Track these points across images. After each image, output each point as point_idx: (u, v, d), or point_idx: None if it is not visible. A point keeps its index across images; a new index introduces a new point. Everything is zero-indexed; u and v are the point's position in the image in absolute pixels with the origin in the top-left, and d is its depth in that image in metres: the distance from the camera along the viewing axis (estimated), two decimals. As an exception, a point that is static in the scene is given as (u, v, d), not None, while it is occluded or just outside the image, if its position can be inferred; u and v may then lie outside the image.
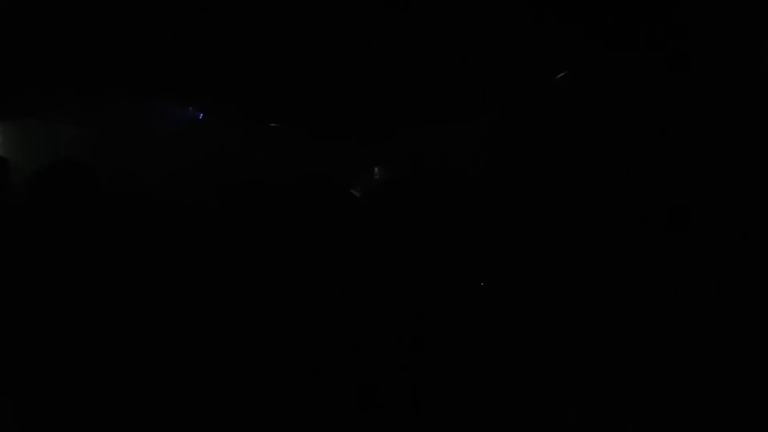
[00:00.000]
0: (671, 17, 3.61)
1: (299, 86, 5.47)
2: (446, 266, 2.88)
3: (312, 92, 5.56)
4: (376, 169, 6.73)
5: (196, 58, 5.14)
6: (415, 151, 6.05)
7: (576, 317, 2.95)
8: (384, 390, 2.47)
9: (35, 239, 2.52)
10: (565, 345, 2.78)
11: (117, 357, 2.37)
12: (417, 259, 2.84)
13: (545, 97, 4.53)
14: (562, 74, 4.33)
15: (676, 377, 2.65)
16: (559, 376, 2.62)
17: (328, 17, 4.44)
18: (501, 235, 3.31)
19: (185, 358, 2.41)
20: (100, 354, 2.37)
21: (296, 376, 2.45)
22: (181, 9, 4.40)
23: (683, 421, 2.51)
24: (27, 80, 5.31)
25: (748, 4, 3.34)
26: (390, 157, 6.50)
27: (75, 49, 4.88)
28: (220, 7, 4.40)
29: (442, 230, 3.02)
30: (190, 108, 6.73)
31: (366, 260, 2.75)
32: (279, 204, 2.89)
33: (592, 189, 3.79)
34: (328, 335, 2.51)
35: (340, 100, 5.67)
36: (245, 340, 2.48)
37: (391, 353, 2.53)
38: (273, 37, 4.80)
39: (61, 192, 2.67)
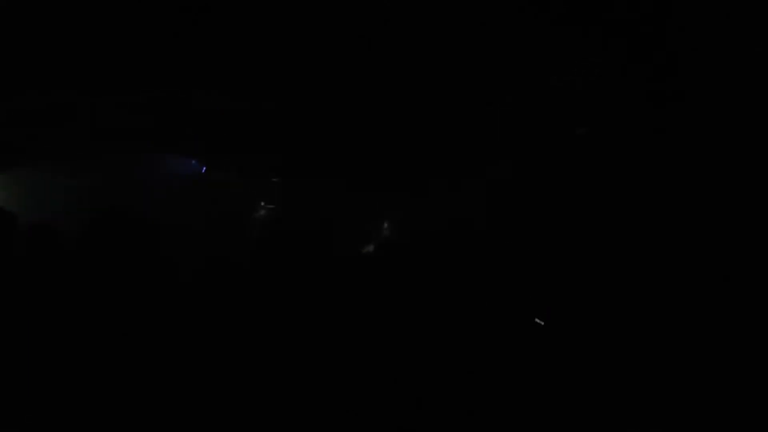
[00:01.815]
0: (671, 17, 3.61)
1: (300, 138, 5.55)
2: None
3: (315, 144, 5.63)
4: (385, 224, 6.71)
5: (200, 107, 5.22)
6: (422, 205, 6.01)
7: (578, 320, 2.96)
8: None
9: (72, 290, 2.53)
10: (566, 348, 2.79)
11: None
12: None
13: (554, 153, 4.51)
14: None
15: (677, 379, 2.65)
16: (561, 379, 2.63)
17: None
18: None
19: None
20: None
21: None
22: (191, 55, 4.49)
23: (683, 423, 2.52)
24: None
25: (748, 4, 3.34)
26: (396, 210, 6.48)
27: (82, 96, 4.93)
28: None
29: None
30: (194, 162, 6.71)
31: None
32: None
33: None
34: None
35: (343, 153, 5.73)
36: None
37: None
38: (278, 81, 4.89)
39: (111, 243, 2.68)
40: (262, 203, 6.93)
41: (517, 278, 3.23)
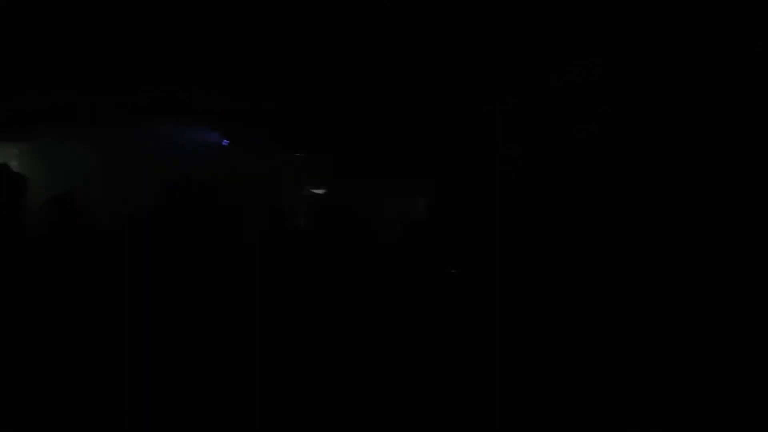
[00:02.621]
0: (671, 17, 3.61)
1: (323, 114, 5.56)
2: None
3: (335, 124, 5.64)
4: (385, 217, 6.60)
5: (226, 83, 5.24)
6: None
7: (577, 320, 2.95)
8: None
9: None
10: (566, 348, 2.79)
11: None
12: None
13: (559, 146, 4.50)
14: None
15: (677, 379, 2.65)
16: (561, 379, 2.63)
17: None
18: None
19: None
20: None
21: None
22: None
23: (683, 423, 2.52)
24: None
25: (748, 4, 3.34)
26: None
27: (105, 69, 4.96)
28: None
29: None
30: (215, 134, 6.67)
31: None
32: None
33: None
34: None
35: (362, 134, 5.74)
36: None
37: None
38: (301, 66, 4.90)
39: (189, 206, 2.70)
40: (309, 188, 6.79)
41: (516, 277, 3.23)
